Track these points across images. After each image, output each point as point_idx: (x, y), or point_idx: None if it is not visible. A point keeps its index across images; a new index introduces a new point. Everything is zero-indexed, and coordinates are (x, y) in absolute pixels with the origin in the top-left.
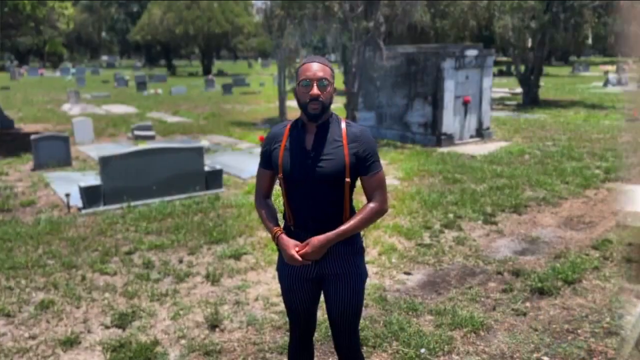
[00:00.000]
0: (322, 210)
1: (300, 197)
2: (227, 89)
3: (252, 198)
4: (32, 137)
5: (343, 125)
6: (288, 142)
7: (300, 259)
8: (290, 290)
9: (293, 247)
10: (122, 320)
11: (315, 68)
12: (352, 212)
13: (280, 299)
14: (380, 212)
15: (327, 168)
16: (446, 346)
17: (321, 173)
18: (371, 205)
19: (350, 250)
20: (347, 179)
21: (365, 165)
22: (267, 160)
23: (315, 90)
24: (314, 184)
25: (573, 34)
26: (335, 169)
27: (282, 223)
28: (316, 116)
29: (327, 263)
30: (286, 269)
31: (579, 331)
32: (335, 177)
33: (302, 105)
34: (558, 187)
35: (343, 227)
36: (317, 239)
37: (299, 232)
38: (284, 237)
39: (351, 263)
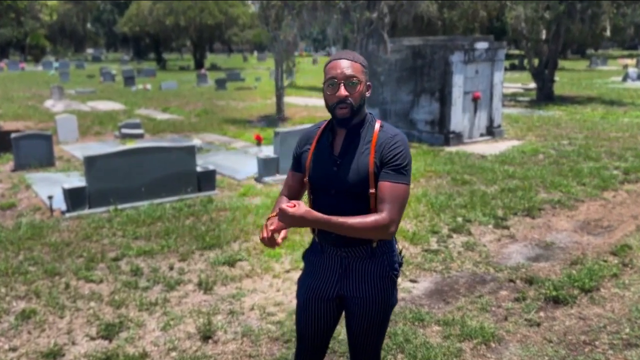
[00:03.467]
0: None
1: (325, 205)
2: (220, 84)
3: (247, 200)
4: (13, 135)
5: (376, 127)
6: (317, 145)
7: (288, 212)
8: (305, 308)
9: (285, 202)
10: (108, 331)
11: (343, 65)
12: None
13: (278, 307)
14: (383, 226)
15: (350, 178)
16: (455, 359)
17: (344, 183)
18: (376, 216)
19: (380, 273)
20: (372, 190)
21: (385, 171)
22: (297, 163)
23: (342, 92)
24: (338, 194)
25: (590, 25)
26: (358, 179)
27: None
28: (345, 120)
29: (351, 283)
30: (306, 280)
31: (597, 343)
32: (358, 189)
33: (330, 108)
34: (574, 188)
35: (337, 219)
36: (304, 210)
37: (322, 242)
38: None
39: (379, 288)
